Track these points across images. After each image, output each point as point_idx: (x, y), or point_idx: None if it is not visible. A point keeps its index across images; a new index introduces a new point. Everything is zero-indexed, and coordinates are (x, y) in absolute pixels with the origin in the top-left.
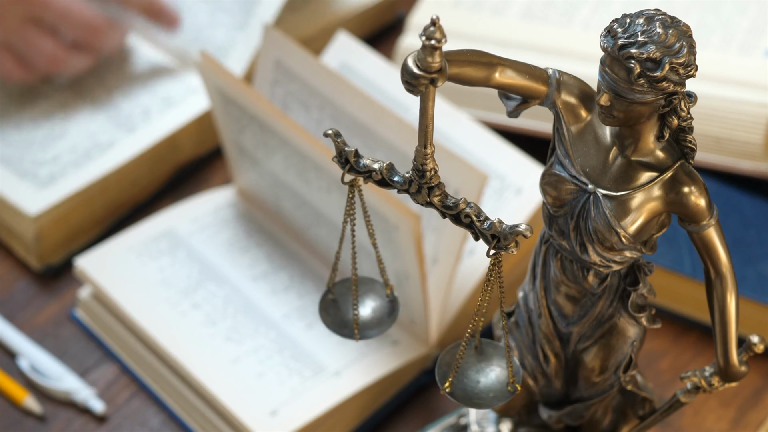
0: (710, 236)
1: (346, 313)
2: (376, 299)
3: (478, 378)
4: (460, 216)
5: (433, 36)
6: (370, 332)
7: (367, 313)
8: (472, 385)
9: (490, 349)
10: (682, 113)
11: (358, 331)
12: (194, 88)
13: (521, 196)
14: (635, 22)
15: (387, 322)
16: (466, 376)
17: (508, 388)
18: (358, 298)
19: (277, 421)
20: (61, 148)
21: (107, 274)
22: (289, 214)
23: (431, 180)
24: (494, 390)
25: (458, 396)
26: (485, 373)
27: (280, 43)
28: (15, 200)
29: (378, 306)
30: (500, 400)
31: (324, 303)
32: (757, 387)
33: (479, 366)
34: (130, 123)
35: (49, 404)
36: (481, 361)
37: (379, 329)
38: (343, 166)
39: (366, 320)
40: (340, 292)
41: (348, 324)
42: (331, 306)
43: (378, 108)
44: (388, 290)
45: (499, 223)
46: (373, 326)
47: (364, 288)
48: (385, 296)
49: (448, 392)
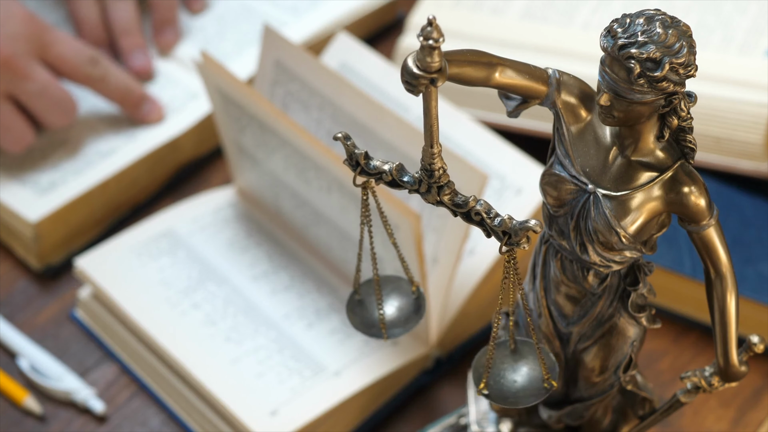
0: (710, 236)
1: (373, 313)
2: (402, 297)
3: (514, 377)
4: (471, 213)
5: (431, 36)
6: (396, 330)
7: (392, 312)
8: (508, 385)
9: (525, 347)
10: (682, 113)
11: (385, 330)
12: (195, 93)
13: (521, 196)
14: (635, 22)
15: (414, 319)
16: (502, 376)
17: (544, 385)
18: (383, 297)
19: (277, 421)
20: (62, 155)
21: (107, 274)
22: (289, 214)
23: (440, 179)
24: (530, 388)
25: (495, 396)
26: (521, 372)
27: (280, 43)
28: (15, 207)
29: (403, 304)
30: (536, 398)
31: (351, 304)
32: (757, 387)
33: (514, 365)
34: (131, 130)
35: (49, 404)
36: (516, 360)
37: (405, 327)
38: (354, 169)
39: (392, 319)
40: (366, 292)
41: (375, 323)
42: (358, 306)
43: (378, 108)
44: (414, 287)
45: (510, 220)
46: (399, 324)
47: (389, 287)
48: (410, 294)
49: (484, 393)
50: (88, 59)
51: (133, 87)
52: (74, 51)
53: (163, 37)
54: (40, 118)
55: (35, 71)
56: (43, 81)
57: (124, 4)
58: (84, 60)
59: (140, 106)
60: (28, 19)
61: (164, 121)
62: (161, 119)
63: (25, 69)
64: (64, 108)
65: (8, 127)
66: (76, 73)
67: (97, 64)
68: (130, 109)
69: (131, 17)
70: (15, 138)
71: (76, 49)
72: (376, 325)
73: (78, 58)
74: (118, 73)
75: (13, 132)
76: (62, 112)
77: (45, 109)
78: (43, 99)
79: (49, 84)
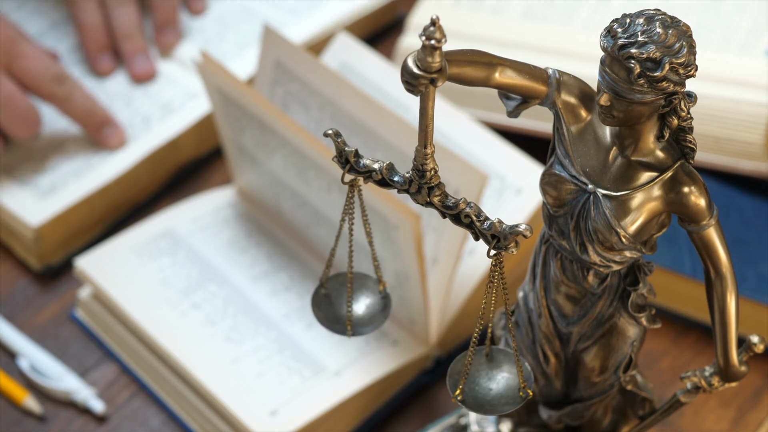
0: (710, 236)
1: (338, 309)
2: (369, 296)
3: (489, 385)
4: (460, 216)
5: (433, 36)
6: (362, 329)
7: (360, 310)
8: (483, 392)
9: (501, 355)
10: (682, 113)
11: (350, 327)
12: (194, 93)
13: (521, 196)
14: (635, 22)
15: (379, 319)
16: (477, 383)
17: (519, 394)
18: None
19: (277, 421)
20: (62, 157)
21: (107, 274)
22: (289, 214)
23: (431, 180)
24: (506, 396)
25: (470, 404)
26: (496, 380)
27: (280, 43)
28: (16, 210)
29: (371, 302)
30: (512, 406)
31: (316, 298)
32: (757, 387)
33: (490, 373)
34: (131, 131)
35: (49, 404)
36: (493, 368)
37: (371, 326)
38: (343, 166)
39: (358, 316)
40: (332, 287)
41: (341, 319)
42: (324, 301)
43: (378, 108)
44: (381, 286)
45: (499, 223)
46: (365, 323)
47: (356, 284)
48: (377, 293)
49: (459, 400)
50: (54, 77)
51: (96, 110)
52: (40, 67)
53: (165, 37)
54: (2, 128)
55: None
56: (6, 92)
57: (126, 8)
58: (49, 77)
59: (101, 130)
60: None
61: (164, 122)
62: (122, 145)
63: None
64: (27, 120)
65: None
66: (39, 89)
67: (62, 83)
68: (91, 132)
69: (133, 21)
70: None
71: (43, 66)
72: (341, 321)
73: (43, 74)
74: (82, 94)
75: None
76: (25, 124)
77: (7, 121)
78: (6, 110)
79: (12, 95)
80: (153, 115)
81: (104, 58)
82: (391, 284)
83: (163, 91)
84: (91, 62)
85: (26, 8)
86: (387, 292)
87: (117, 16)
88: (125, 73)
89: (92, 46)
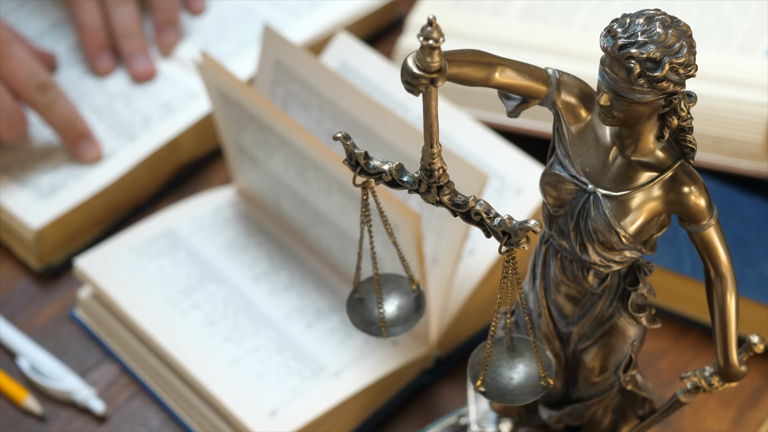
0: (710, 236)
1: (372, 312)
2: (402, 296)
3: (510, 375)
4: (470, 213)
5: (431, 36)
6: (396, 329)
7: (392, 310)
8: (505, 382)
9: (521, 344)
10: (682, 113)
11: (384, 328)
12: (194, 93)
13: (521, 196)
14: (635, 22)
15: (414, 318)
16: (498, 373)
17: (541, 383)
18: (383, 295)
19: (277, 421)
20: (62, 158)
21: (107, 274)
22: (289, 214)
23: (440, 179)
24: (527, 386)
25: (491, 394)
26: (517, 369)
27: (280, 43)
28: (17, 212)
29: (403, 302)
30: (533, 396)
31: (351, 302)
32: (757, 387)
33: (512, 362)
34: (131, 132)
35: (49, 404)
36: (513, 357)
37: (405, 325)
38: (354, 169)
39: (392, 317)
40: (366, 290)
41: (375, 322)
42: (358, 305)
43: (378, 108)
44: (414, 285)
45: (509, 220)
46: (399, 323)
47: (389, 285)
48: (410, 292)
49: (481, 390)
50: (38, 84)
51: (76, 122)
52: (26, 72)
53: (165, 37)
54: None
55: None
56: None
57: (126, 8)
58: (33, 84)
59: (78, 143)
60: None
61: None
62: (98, 160)
63: None
64: (12, 122)
65: None
66: (22, 94)
67: (45, 90)
68: (68, 143)
69: (133, 21)
70: None
71: (29, 72)
72: (376, 324)
73: (28, 80)
74: (65, 105)
75: None
76: (10, 125)
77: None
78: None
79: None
80: (153, 115)
81: (104, 57)
82: None
83: (163, 91)
84: (90, 62)
85: (26, 8)
86: (420, 290)
87: (116, 15)
88: (125, 72)
89: (92, 46)
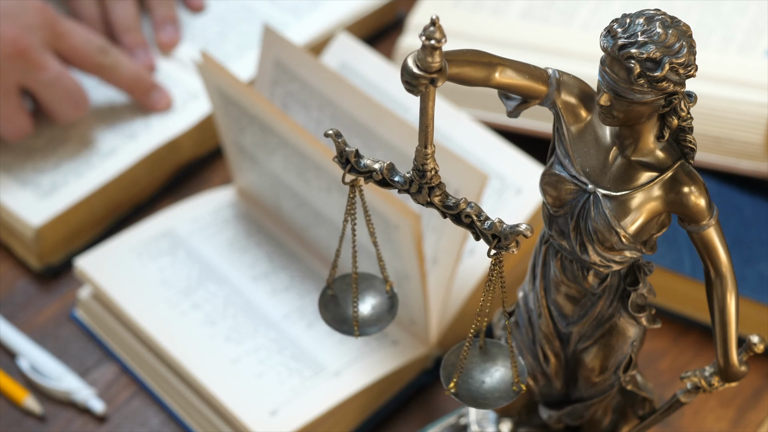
0: (710, 236)
1: (345, 310)
2: (376, 296)
3: (482, 378)
4: (461, 216)
5: (433, 36)
6: (369, 329)
7: (366, 310)
8: (476, 385)
9: (495, 349)
10: (682, 113)
11: (357, 327)
12: (194, 93)
13: (521, 196)
14: (635, 22)
15: (386, 319)
16: (470, 376)
17: (513, 388)
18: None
19: (277, 421)
20: (62, 157)
21: (107, 274)
22: (289, 214)
23: (432, 180)
24: (499, 390)
25: (463, 396)
26: (490, 373)
27: (280, 43)
28: (17, 210)
29: (377, 303)
30: (505, 400)
31: (323, 299)
32: (757, 387)
33: (484, 366)
34: (131, 130)
35: (49, 404)
36: (486, 361)
37: (378, 326)
38: (344, 167)
39: (365, 317)
40: (339, 288)
41: (347, 320)
42: (331, 302)
43: (378, 108)
44: (387, 286)
45: (500, 223)
46: (372, 323)
47: (363, 284)
48: (384, 293)
49: (453, 393)
50: (99, 49)
51: (142, 75)
52: (85, 41)
53: (165, 34)
54: (51, 109)
55: (49, 62)
56: (56, 72)
57: (125, 2)
58: (95, 49)
59: (149, 94)
60: (42, 9)
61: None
62: (169, 107)
63: (39, 59)
64: (76, 100)
65: (11, 116)
66: (87, 63)
67: (107, 53)
68: (139, 97)
69: (132, 15)
70: (15, 128)
71: (87, 39)
72: (348, 322)
73: (89, 47)
74: (127, 61)
75: (15, 122)
76: (74, 103)
77: (57, 100)
78: (56, 90)
79: (62, 75)
80: (153, 115)
81: None
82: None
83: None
84: None
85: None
86: (394, 292)
87: (115, 10)
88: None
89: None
